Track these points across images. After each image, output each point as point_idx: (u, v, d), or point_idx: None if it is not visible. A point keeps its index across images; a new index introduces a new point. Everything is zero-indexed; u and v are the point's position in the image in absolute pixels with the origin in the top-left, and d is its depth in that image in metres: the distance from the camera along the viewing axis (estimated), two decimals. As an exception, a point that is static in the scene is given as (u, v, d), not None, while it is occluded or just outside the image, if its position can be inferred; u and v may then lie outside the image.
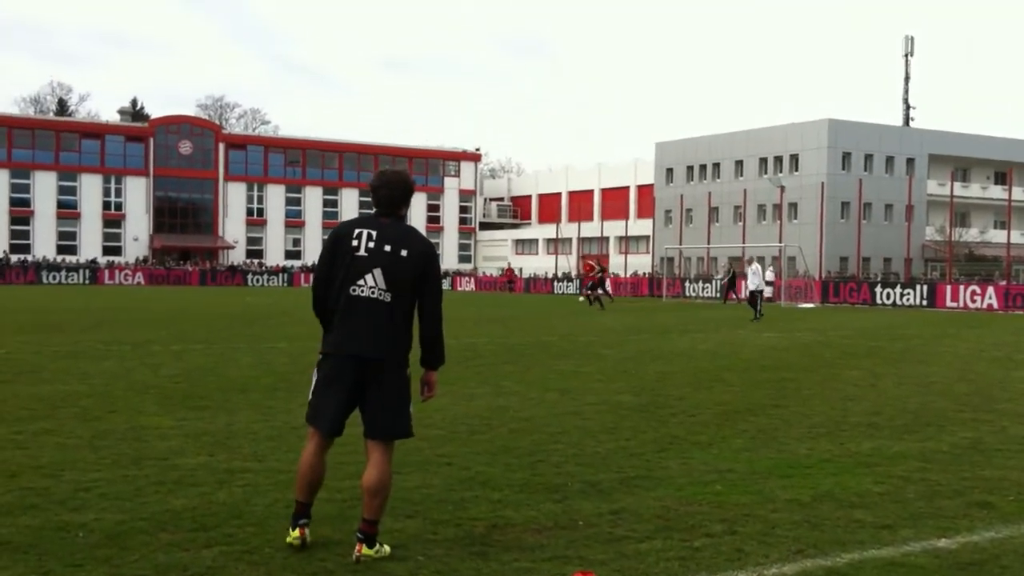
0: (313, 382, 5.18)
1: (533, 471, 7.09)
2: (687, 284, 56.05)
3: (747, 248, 60.78)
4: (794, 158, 67.71)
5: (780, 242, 55.32)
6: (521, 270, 76.21)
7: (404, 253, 5.09)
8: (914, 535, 5.60)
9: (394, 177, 5.28)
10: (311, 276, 5.22)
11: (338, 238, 5.17)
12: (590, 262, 38.60)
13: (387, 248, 5.07)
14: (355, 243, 5.08)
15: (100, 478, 6.62)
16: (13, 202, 74.98)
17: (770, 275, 52.42)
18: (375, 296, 5.05)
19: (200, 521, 5.60)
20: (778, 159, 68.74)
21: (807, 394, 11.70)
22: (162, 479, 6.64)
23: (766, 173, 67.92)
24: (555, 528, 5.62)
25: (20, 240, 74.66)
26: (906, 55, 75.25)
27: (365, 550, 4.96)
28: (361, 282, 5.05)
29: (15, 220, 75.01)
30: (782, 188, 60.00)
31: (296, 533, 5.08)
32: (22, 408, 9.58)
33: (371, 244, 5.07)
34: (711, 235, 62.50)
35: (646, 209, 78.41)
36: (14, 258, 70.87)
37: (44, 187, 75.81)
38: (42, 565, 4.77)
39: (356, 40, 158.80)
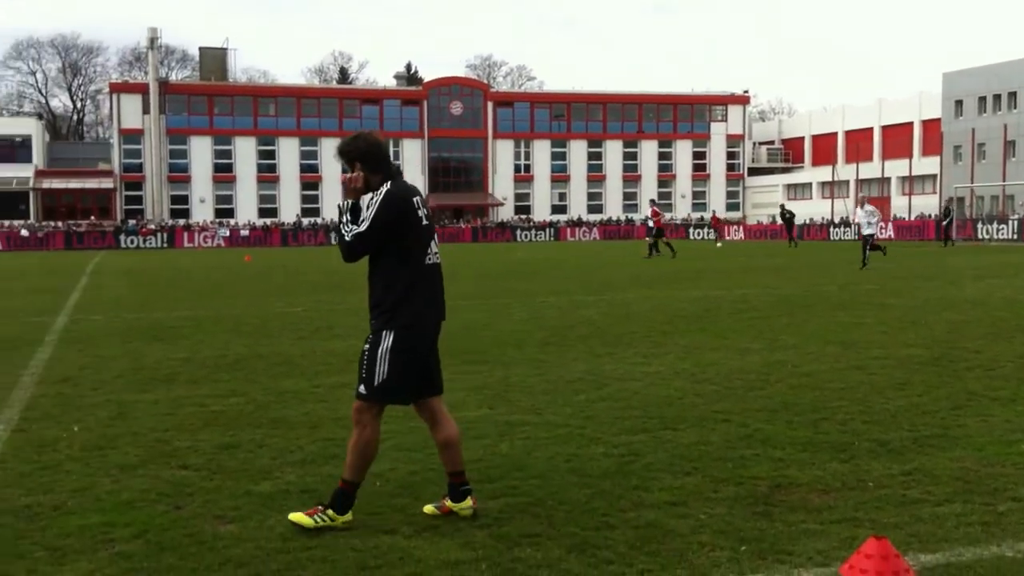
0: (387, 360, 4.92)
1: (816, 429, 6.82)
2: (979, 225, 52.02)
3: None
4: (1103, 81, 61.00)
5: (1088, 176, 50.23)
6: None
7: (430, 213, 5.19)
8: None
9: (379, 138, 5.16)
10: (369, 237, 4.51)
11: (408, 205, 4.97)
12: (655, 207, 37.19)
13: (427, 212, 5.12)
14: (420, 212, 5.02)
15: (392, 430, 6.98)
16: (303, 168, 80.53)
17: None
18: (438, 261, 5.14)
19: (485, 472, 5.79)
20: (1084, 84, 62.15)
21: None
22: (447, 431, 6.91)
23: (1070, 100, 61.66)
24: (843, 489, 5.39)
25: (310, 204, 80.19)
26: None
27: (466, 503, 5.06)
28: (431, 250, 5.07)
29: (305, 185, 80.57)
30: (1089, 116, 54.29)
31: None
32: (319, 363, 10.30)
33: (423, 211, 5.06)
34: (1007, 171, 57.63)
35: (932, 146, 73.31)
36: (305, 221, 76.32)
37: (330, 153, 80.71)
38: (344, 512, 5.09)
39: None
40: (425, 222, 5.04)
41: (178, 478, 5.84)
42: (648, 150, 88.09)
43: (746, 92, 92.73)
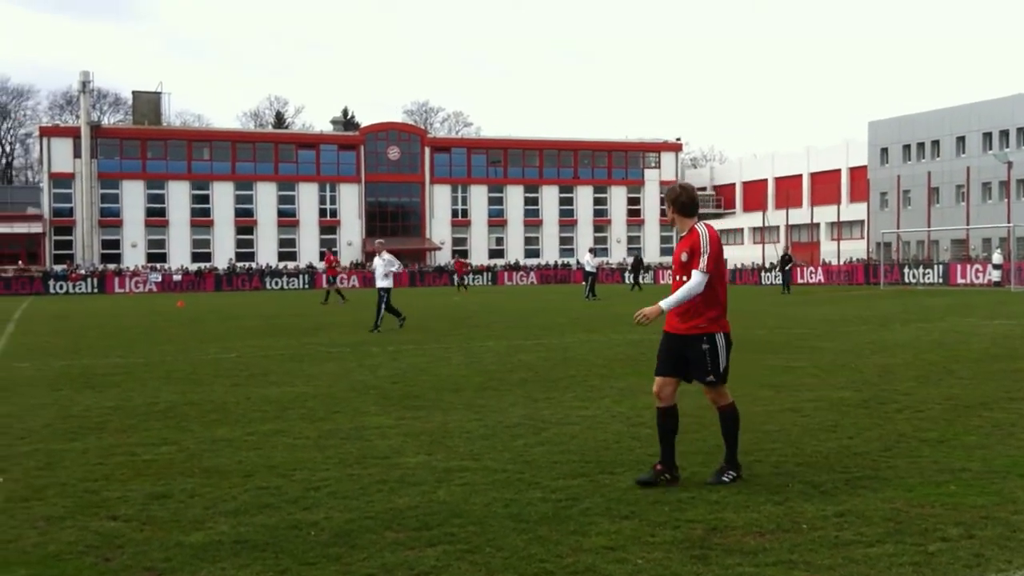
0: None
1: (750, 471, 6.90)
2: (906, 270, 53.32)
3: (971, 230, 57.41)
4: (1022, 131, 63.18)
5: (1008, 222, 51.84)
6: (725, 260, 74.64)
7: None
8: None
9: None
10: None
11: None
12: (331, 255, 39.89)
13: None
14: None
15: (328, 477, 6.92)
16: (238, 212, 79.80)
17: (998, 258, 49.24)
18: None
19: (423, 520, 5.75)
20: (1004, 133, 64.28)
21: (1047, 386, 10.87)
22: (385, 478, 6.87)
23: (991, 149, 63.73)
24: (777, 531, 5.44)
25: (245, 248, 79.45)
26: None
27: None
28: None
29: (240, 230, 79.84)
30: (1009, 164, 56.15)
31: None
32: (254, 410, 10.15)
33: None
34: (931, 218, 59.31)
35: (859, 192, 75.20)
36: (240, 265, 75.53)
37: (265, 197, 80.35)
38: (279, 563, 5.02)
39: (546, 35, 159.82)
40: None
41: (107, 529, 5.70)
42: (584, 195, 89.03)
43: (678, 140, 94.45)
